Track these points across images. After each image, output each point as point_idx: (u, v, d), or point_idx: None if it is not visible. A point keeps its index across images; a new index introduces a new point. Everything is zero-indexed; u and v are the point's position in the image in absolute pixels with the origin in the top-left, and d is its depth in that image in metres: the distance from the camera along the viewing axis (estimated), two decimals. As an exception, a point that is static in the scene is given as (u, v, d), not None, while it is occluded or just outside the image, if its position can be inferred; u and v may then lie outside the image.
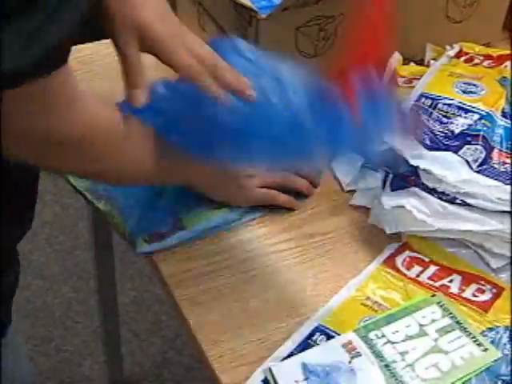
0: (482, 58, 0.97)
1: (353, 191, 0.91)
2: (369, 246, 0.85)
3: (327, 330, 0.75)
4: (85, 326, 1.67)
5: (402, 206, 0.82)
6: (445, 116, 0.87)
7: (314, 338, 0.75)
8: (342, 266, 0.83)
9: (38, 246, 1.80)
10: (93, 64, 1.07)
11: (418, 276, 0.81)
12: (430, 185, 0.82)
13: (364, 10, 0.73)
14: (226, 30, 0.99)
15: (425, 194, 0.82)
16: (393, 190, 0.85)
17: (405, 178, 0.84)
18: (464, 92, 0.90)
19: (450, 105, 0.88)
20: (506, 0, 1.05)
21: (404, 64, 0.99)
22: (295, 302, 0.79)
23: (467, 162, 0.82)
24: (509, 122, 0.87)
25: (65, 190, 1.85)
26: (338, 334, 0.74)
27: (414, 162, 0.83)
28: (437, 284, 0.80)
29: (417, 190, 0.83)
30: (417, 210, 0.81)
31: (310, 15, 0.92)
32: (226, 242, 0.85)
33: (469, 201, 0.80)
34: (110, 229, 1.17)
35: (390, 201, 0.83)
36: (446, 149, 0.83)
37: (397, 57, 0.98)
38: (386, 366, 0.72)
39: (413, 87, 0.93)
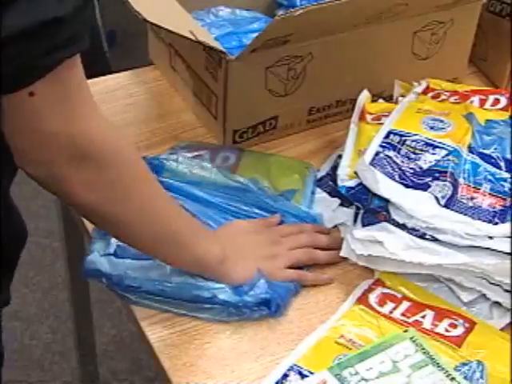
0: (448, 93, 0.98)
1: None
2: (342, 284, 0.85)
3: (301, 370, 0.75)
4: (63, 367, 1.65)
5: (374, 238, 0.82)
6: (413, 152, 0.89)
7: (289, 377, 0.75)
8: (316, 304, 0.83)
9: (14, 286, 1.74)
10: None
11: (391, 312, 0.81)
12: (400, 220, 0.83)
13: None
14: (197, 71, 1.00)
15: (395, 229, 0.83)
16: (364, 226, 0.85)
17: (375, 213, 0.85)
18: (431, 128, 0.92)
19: (417, 141, 0.90)
20: (471, 36, 1.07)
21: (373, 101, 1.00)
22: (269, 341, 0.79)
23: (436, 197, 0.83)
24: (475, 157, 0.88)
25: (41, 230, 1.84)
26: (312, 373, 0.74)
27: (385, 195, 0.84)
28: (410, 320, 0.80)
29: (387, 225, 0.83)
30: (388, 243, 0.82)
31: (279, 55, 0.94)
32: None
33: (438, 236, 0.81)
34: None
35: (361, 233, 0.84)
36: (415, 187, 0.84)
37: (366, 94, 0.99)
38: (361, 404, 0.72)
39: (381, 124, 0.94)
